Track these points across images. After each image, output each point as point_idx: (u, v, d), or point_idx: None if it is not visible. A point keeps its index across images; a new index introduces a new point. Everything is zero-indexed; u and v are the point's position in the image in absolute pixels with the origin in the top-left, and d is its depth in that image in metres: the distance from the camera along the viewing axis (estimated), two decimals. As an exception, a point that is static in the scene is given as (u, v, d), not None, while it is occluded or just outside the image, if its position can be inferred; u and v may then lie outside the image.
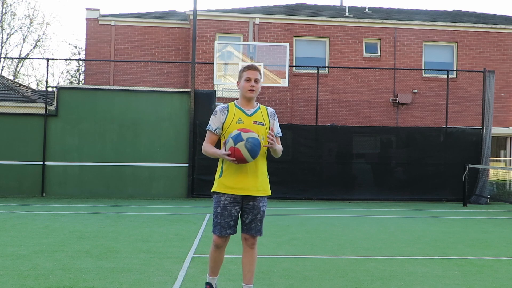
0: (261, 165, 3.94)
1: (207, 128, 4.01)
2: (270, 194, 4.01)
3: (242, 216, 3.94)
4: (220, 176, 3.90)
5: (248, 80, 3.89)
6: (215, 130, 3.94)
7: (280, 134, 4.07)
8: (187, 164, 13.28)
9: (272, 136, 3.83)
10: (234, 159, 3.69)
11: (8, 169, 13.01)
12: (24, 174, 13.03)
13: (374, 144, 14.34)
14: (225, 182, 3.86)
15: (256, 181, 3.87)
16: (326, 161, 13.95)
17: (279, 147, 3.99)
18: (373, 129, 14.72)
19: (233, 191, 3.84)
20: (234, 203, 3.87)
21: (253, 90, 3.90)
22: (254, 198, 3.89)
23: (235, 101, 4.03)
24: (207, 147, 3.94)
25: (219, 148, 3.93)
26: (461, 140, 14.13)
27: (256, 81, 3.91)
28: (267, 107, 4.07)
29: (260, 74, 3.96)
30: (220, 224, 3.87)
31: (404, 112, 18.24)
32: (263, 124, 3.92)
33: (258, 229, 3.93)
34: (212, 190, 3.96)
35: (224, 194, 3.87)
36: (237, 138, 3.68)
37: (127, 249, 6.26)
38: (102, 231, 7.64)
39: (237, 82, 4.01)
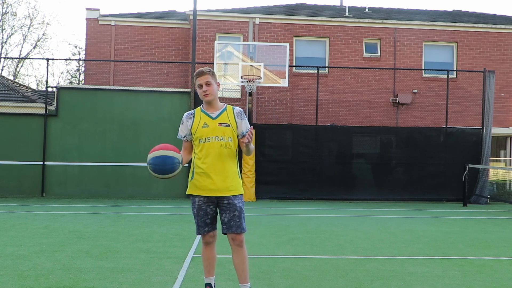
0: (231, 165, 3.98)
1: (177, 137, 4.14)
2: (242, 192, 4.07)
3: (220, 215, 4.00)
4: (192, 178, 4.00)
5: (200, 86, 3.97)
6: (184, 137, 4.10)
7: None
8: (187, 164, 13.20)
9: (250, 135, 3.84)
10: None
11: (8, 169, 13.01)
12: (24, 174, 13.03)
13: (374, 144, 14.34)
14: (196, 184, 3.97)
15: (227, 182, 3.94)
16: (326, 161, 13.95)
17: (252, 146, 4.03)
18: (373, 129, 14.72)
19: (204, 193, 3.94)
20: (209, 202, 3.97)
21: (207, 94, 3.96)
22: (228, 196, 3.95)
23: (201, 105, 4.11)
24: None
25: (194, 154, 4.05)
26: (461, 140, 14.13)
27: (208, 84, 3.96)
28: (234, 107, 4.12)
29: (211, 75, 3.98)
30: (198, 224, 4.00)
31: (404, 112, 18.23)
32: (228, 125, 3.98)
33: (238, 226, 3.95)
34: (186, 193, 4.09)
35: (197, 195, 3.98)
36: (147, 161, 3.88)
37: (127, 249, 6.26)
38: (102, 231, 7.64)
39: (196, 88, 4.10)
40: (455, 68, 18.45)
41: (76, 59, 23.02)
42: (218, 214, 4.04)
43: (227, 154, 3.95)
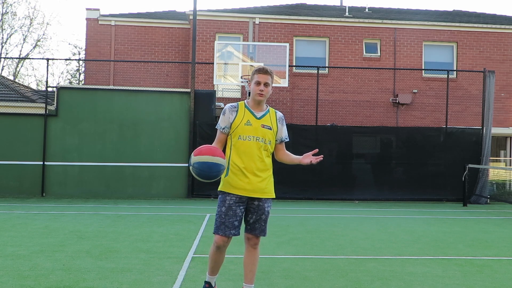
0: (268, 167, 3.95)
1: (216, 127, 4.01)
2: (274, 196, 4.01)
3: (246, 215, 3.93)
4: (226, 175, 3.88)
5: (258, 83, 3.89)
6: (223, 129, 3.92)
7: (287, 139, 4.08)
8: (187, 164, 13.27)
9: (318, 160, 3.91)
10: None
11: (8, 169, 13.01)
12: (24, 174, 13.03)
13: (374, 144, 14.33)
14: (231, 182, 3.86)
15: (262, 183, 3.89)
16: (326, 161, 13.87)
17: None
18: (373, 129, 14.72)
19: (239, 192, 3.84)
20: (240, 203, 3.86)
21: (262, 94, 3.89)
22: (259, 198, 3.90)
23: (245, 101, 4.01)
24: None
25: (231, 150, 3.92)
26: (461, 140, 14.13)
27: (266, 85, 3.89)
28: (276, 111, 4.07)
29: (272, 77, 3.93)
30: (225, 224, 3.83)
31: (404, 112, 18.23)
32: (270, 128, 3.93)
33: (262, 229, 3.94)
34: (218, 189, 3.95)
35: (229, 194, 3.86)
36: (189, 160, 3.76)
37: (127, 249, 6.26)
38: (102, 231, 7.64)
39: (249, 83, 4.03)
40: (455, 68, 18.45)
41: (76, 59, 23.05)
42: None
43: (265, 156, 3.91)
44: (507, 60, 18.83)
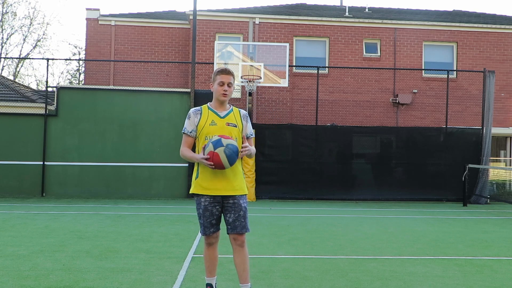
0: (236, 165, 3.99)
1: (182, 131, 4.08)
2: (247, 192, 4.09)
3: (225, 216, 3.99)
4: (197, 177, 3.97)
5: (222, 84, 3.97)
6: (190, 132, 4.01)
7: (253, 135, 4.16)
8: (187, 164, 13.28)
9: (246, 148, 3.91)
10: (212, 163, 3.75)
11: (8, 169, 13.01)
12: (24, 174, 13.03)
13: (374, 144, 14.34)
14: (202, 184, 3.94)
15: (233, 181, 3.94)
16: (326, 161, 13.95)
17: (252, 149, 4.05)
18: (373, 129, 14.71)
19: (210, 192, 3.92)
20: (214, 203, 3.94)
21: (226, 94, 3.97)
22: (233, 196, 3.95)
23: (208, 103, 4.10)
24: (185, 151, 4.02)
25: (195, 151, 4.02)
26: (461, 140, 14.14)
27: (229, 85, 3.98)
28: (239, 109, 4.15)
29: (233, 77, 4.02)
30: (204, 224, 3.98)
31: (404, 112, 18.23)
32: (236, 126, 4.00)
33: (243, 226, 3.95)
34: (190, 192, 4.05)
35: (203, 195, 3.94)
36: (217, 143, 3.76)
37: (127, 249, 6.26)
38: (102, 231, 7.64)
39: (211, 84, 4.08)
40: (455, 68, 18.45)
41: (76, 59, 23.01)
42: (222, 214, 4.03)
43: None
44: (507, 60, 18.83)
